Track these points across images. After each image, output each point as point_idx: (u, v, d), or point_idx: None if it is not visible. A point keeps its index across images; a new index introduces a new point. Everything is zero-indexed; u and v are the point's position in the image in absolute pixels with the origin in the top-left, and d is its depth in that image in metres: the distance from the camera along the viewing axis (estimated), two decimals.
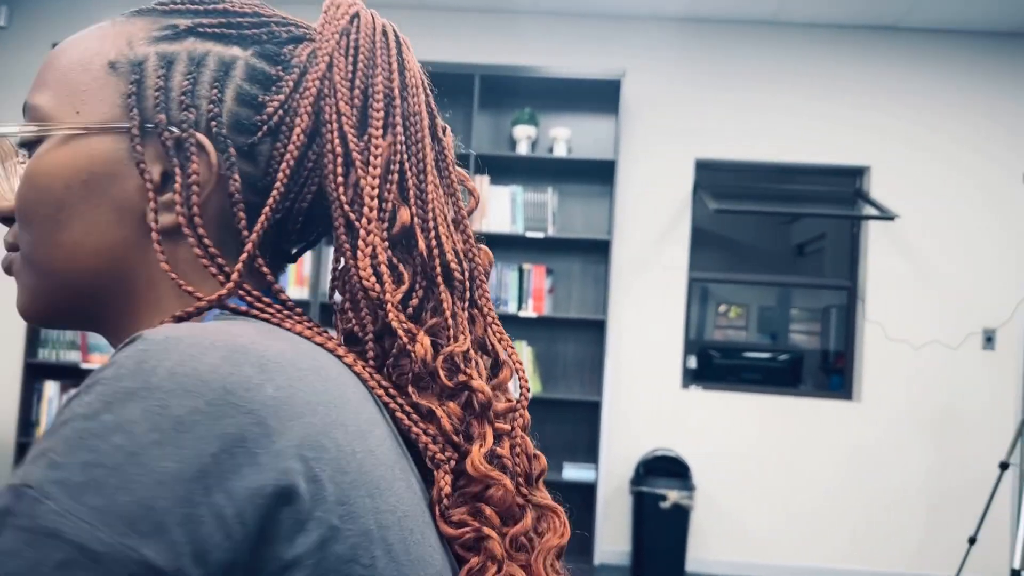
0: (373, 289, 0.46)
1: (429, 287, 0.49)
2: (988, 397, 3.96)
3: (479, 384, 0.47)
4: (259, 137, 0.48)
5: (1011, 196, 4.01)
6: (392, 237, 0.48)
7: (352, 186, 0.47)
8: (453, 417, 0.46)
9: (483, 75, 3.80)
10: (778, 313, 4.63)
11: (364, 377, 0.45)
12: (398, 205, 0.48)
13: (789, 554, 3.97)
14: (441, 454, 0.45)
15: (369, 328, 0.47)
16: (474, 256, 0.53)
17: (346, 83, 0.48)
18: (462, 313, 0.49)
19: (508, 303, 3.86)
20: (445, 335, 0.48)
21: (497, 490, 0.45)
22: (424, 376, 0.47)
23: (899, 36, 4.09)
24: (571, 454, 4.00)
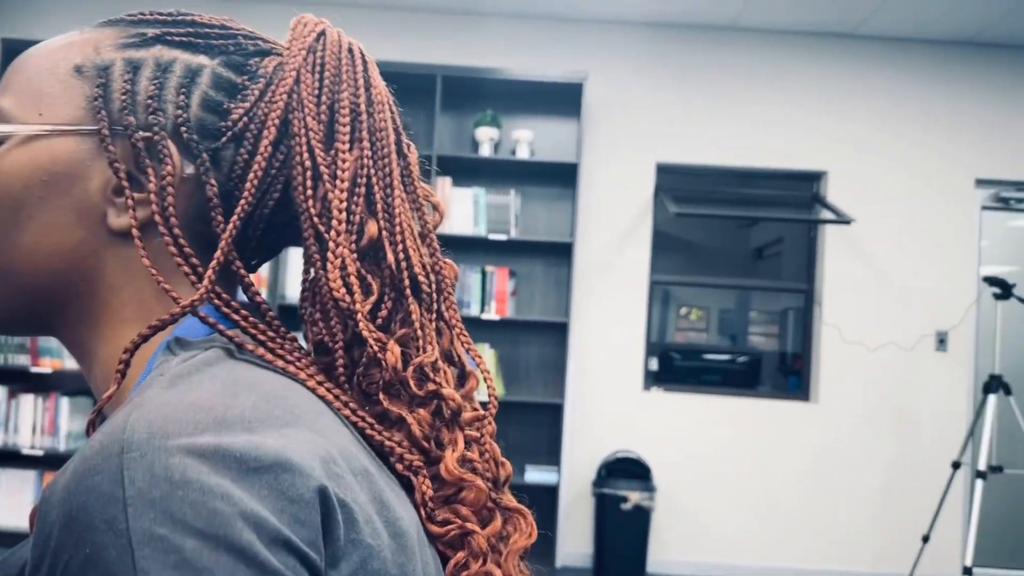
0: (343, 300, 0.47)
1: (398, 298, 0.50)
2: (941, 398, 4.05)
3: (449, 392, 0.48)
4: (223, 143, 0.48)
5: (963, 201, 4.12)
6: (360, 249, 0.49)
7: (320, 199, 0.48)
8: (423, 424, 0.47)
9: (445, 76, 3.78)
10: (738, 315, 4.69)
11: (328, 399, 0.46)
12: (366, 218, 0.49)
13: (748, 554, 4.02)
14: (417, 461, 0.47)
15: (339, 338, 0.48)
16: (440, 269, 0.54)
17: (313, 98, 0.50)
18: (430, 324, 0.50)
19: (471, 305, 3.84)
20: (414, 345, 0.49)
21: (470, 492, 0.47)
22: (394, 385, 0.48)
23: (856, 43, 4.17)
24: (533, 456, 3.99)
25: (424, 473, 0.47)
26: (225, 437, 0.36)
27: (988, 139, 4.13)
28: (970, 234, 4.12)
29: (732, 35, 4.18)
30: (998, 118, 4.14)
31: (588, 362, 4.08)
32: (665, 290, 4.52)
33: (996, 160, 4.12)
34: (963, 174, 4.13)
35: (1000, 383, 3.45)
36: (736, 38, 4.18)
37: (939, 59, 4.16)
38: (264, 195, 0.50)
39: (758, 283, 4.36)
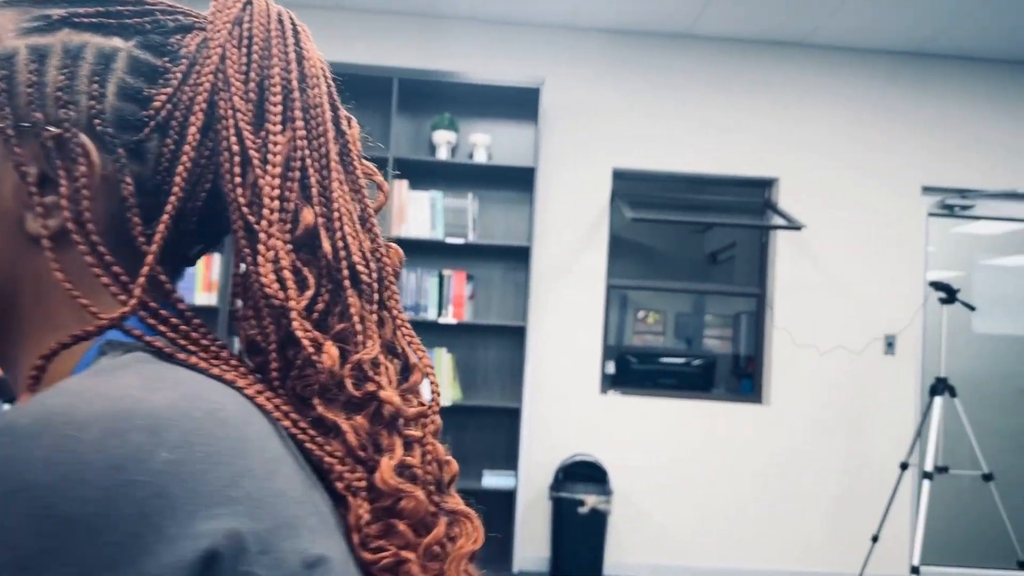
0: (276, 296, 0.43)
1: (335, 291, 0.46)
2: (889, 400, 4.15)
3: (387, 395, 0.45)
4: (146, 134, 0.45)
5: (910, 207, 4.23)
6: (295, 239, 0.45)
7: (250, 186, 0.45)
8: (360, 431, 0.44)
9: (402, 79, 3.76)
10: (693, 319, 4.74)
11: (268, 408, 0.42)
12: (301, 205, 0.46)
13: (703, 555, 4.06)
14: (357, 480, 0.43)
15: (272, 337, 0.44)
16: (382, 256, 0.50)
17: (240, 76, 0.46)
18: (370, 316, 0.47)
19: (428, 309, 3.81)
20: (353, 341, 0.46)
21: (408, 502, 0.44)
22: (330, 387, 0.44)
23: (807, 52, 4.25)
24: (491, 461, 3.98)
25: (363, 495, 0.43)
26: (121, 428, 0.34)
27: (934, 147, 4.25)
28: (917, 240, 4.23)
29: (687, 42, 4.23)
30: (943, 127, 4.26)
31: (546, 366, 4.08)
32: (623, 294, 4.55)
33: (941, 168, 4.24)
34: (910, 181, 4.24)
35: (946, 385, 3.54)
36: (691, 45, 4.23)
37: (888, 69, 4.27)
38: (195, 186, 0.46)
39: (712, 287, 4.42)
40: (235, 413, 0.39)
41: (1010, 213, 4.33)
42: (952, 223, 4.35)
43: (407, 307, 3.80)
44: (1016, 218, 4.34)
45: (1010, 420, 4.28)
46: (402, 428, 0.46)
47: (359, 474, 0.44)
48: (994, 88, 4.28)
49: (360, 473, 0.44)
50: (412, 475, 0.45)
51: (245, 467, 0.36)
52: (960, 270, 4.34)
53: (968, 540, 4.23)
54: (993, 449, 4.20)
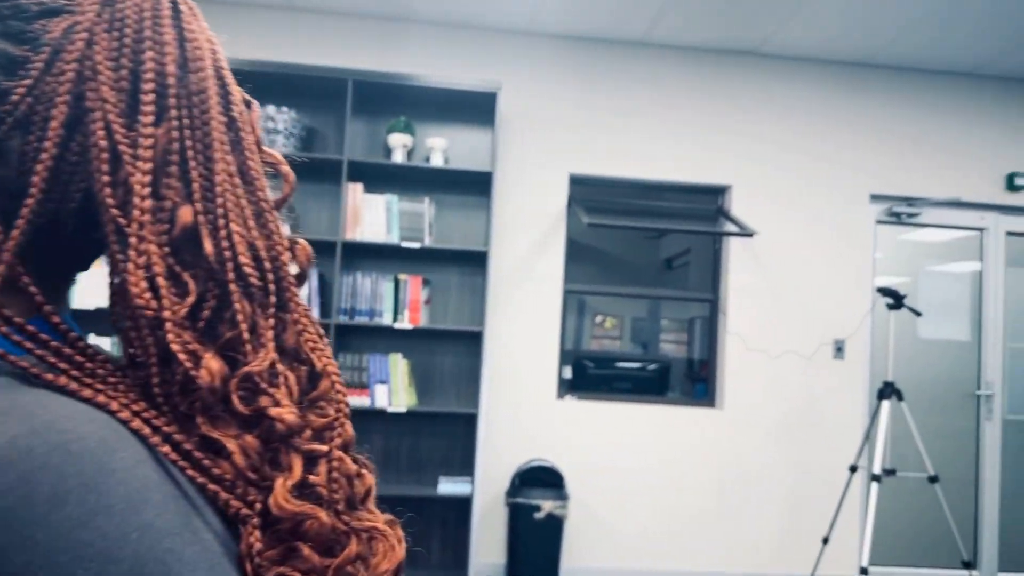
0: (148, 306, 0.40)
1: (223, 296, 0.43)
2: (838, 404, 4.22)
3: (277, 412, 0.42)
4: (5, 131, 0.40)
5: (858, 215, 4.32)
6: (173, 241, 0.42)
7: (121, 185, 0.41)
8: (250, 450, 0.41)
9: (356, 80, 3.72)
10: (649, 324, 4.77)
11: (144, 433, 0.39)
12: (179, 203, 0.42)
13: (658, 558, 4.08)
14: (247, 507, 0.40)
15: (152, 351, 0.41)
16: (279, 254, 0.47)
17: (110, 63, 0.42)
18: (265, 322, 0.44)
19: (383, 314, 3.78)
20: (243, 350, 0.42)
21: (312, 524, 0.41)
22: (216, 403, 0.41)
23: (759, 61, 4.32)
24: (447, 468, 3.95)
25: (254, 523, 0.40)
26: None
27: (881, 156, 4.35)
28: (865, 247, 4.32)
29: (642, 50, 4.27)
30: (890, 136, 4.36)
31: (503, 371, 4.08)
32: (581, 299, 4.56)
33: (889, 176, 4.34)
34: (859, 189, 4.33)
35: (893, 389, 3.61)
36: (646, 53, 4.27)
37: (836, 78, 4.36)
38: (67, 187, 0.42)
39: (667, 293, 4.46)
40: (96, 443, 0.35)
41: (954, 221, 4.45)
42: (899, 230, 4.45)
43: (363, 312, 3.76)
44: (960, 226, 4.47)
45: (955, 423, 4.40)
46: (303, 444, 0.43)
47: (252, 497, 0.41)
48: (940, 99, 4.40)
49: (253, 496, 0.41)
50: (315, 494, 0.42)
51: (100, 504, 0.33)
52: (907, 276, 4.45)
53: (915, 541, 4.32)
54: (938, 452, 4.31)
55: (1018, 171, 4.38)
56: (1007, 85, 4.43)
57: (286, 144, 3.74)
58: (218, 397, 0.41)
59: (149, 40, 0.43)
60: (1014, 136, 4.42)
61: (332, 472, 0.44)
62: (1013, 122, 4.42)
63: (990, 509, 4.36)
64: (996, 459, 4.38)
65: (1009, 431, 4.41)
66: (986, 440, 4.38)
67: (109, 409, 0.38)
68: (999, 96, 4.43)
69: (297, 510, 0.41)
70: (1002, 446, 4.39)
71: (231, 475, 0.40)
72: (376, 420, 3.95)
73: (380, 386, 3.76)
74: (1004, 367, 4.42)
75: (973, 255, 4.48)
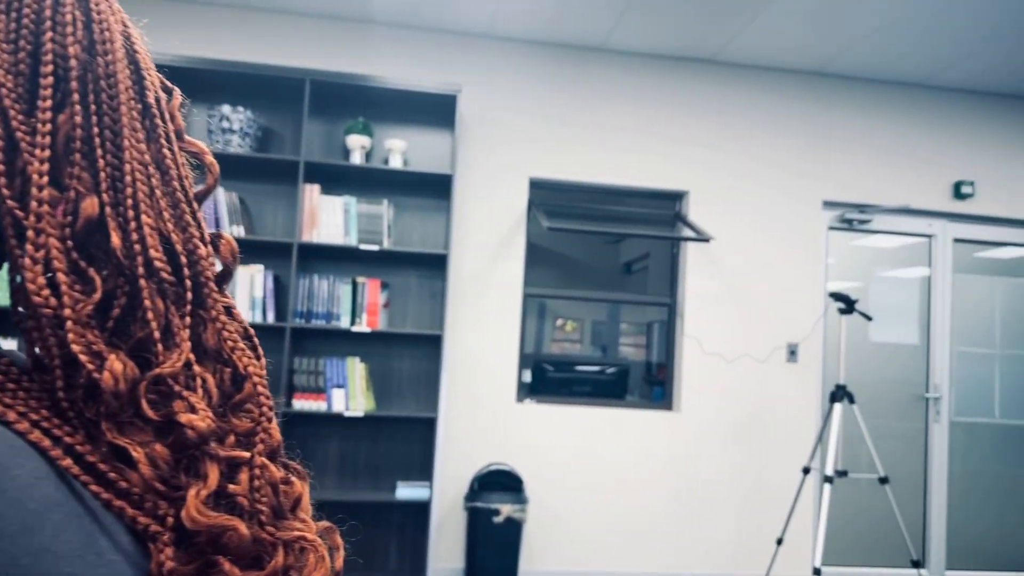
0: (47, 304, 0.37)
1: (134, 292, 0.41)
2: (792, 407, 4.29)
3: (187, 418, 0.39)
4: None
5: (811, 221, 4.40)
6: (78, 234, 0.39)
7: (19, 174, 0.39)
8: (160, 460, 0.38)
9: (314, 81, 3.68)
10: (609, 328, 4.79)
11: (43, 446, 0.36)
12: (85, 194, 0.40)
13: (616, 561, 4.10)
14: (156, 523, 0.38)
15: (54, 352, 0.38)
16: (196, 248, 0.44)
17: (7, 45, 0.39)
18: (179, 321, 0.42)
19: (341, 317, 3.73)
20: (155, 350, 0.40)
21: (231, 536, 0.39)
22: (123, 408, 0.39)
23: (716, 69, 4.39)
24: (405, 473, 3.92)
25: (164, 539, 0.38)
26: None
27: (834, 164, 4.44)
28: (818, 252, 4.40)
29: (602, 56, 4.30)
30: (842, 144, 4.46)
31: (462, 375, 4.06)
32: (542, 302, 4.56)
33: (841, 183, 4.43)
34: (812, 196, 4.41)
35: (845, 392, 3.68)
36: (606, 59, 4.30)
37: (791, 87, 4.44)
38: None
39: (626, 297, 4.49)
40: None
41: (904, 228, 4.56)
42: (851, 236, 4.55)
43: (320, 315, 3.72)
44: (910, 232, 4.58)
45: (904, 425, 4.50)
46: (223, 451, 0.41)
47: (164, 511, 0.38)
48: (891, 109, 4.51)
49: (164, 510, 0.38)
50: (235, 504, 0.40)
51: None
52: (858, 281, 4.54)
53: (866, 540, 4.41)
54: (889, 453, 4.41)
55: (965, 180, 4.51)
56: (955, 96, 4.56)
57: (242, 144, 3.69)
58: (124, 402, 0.38)
59: (49, 21, 0.41)
60: (961, 146, 4.55)
61: (255, 480, 0.41)
62: (960, 132, 4.55)
63: (938, 509, 4.47)
64: (944, 460, 4.49)
65: (956, 433, 4.53)
66: (934, 442, 4.49)
67: (5, 420, 0.36)
68: (947, 107, 4.55)
69: (212, 522, 0.38)
70: (949, 447, 4.51)
71: (140, 487, 0.38)
72: (333, 425, 3.91)
73: (337, 390, 3.72)
74: (951, 370, 4.53)
75: (922, 261, 4.60)
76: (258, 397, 0.45)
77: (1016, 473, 4.58)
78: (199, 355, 0.43)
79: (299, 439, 3.85)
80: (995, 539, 4.53)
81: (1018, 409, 4.61)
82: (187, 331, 0.42)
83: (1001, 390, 4.60)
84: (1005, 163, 4.57)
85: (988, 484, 4.55)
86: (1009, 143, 4.59)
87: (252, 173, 3.89)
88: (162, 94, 0.47)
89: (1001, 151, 4.57)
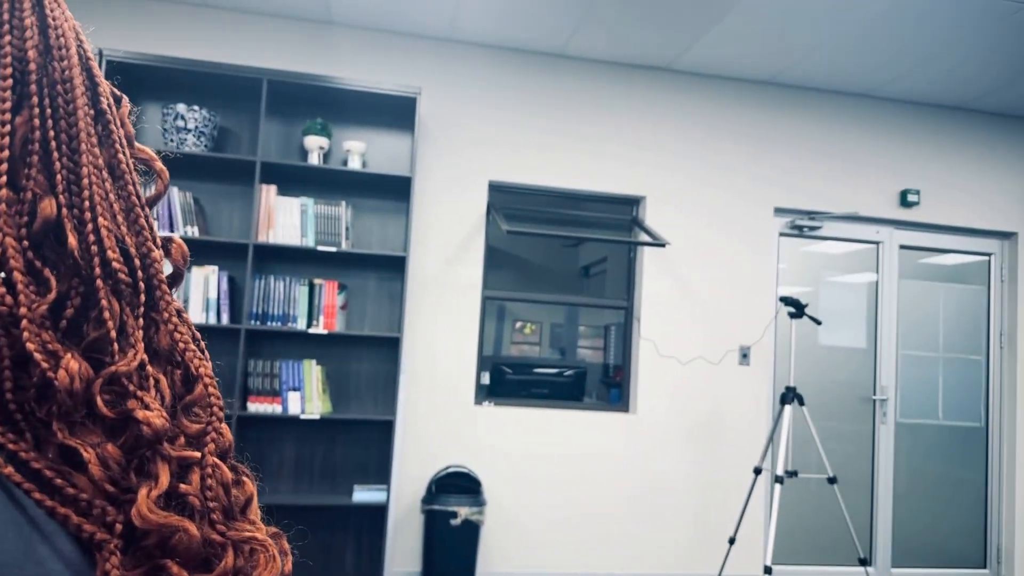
0: (2, 302, 0.37)
1: (89, 293, 0.41)
2: (744, 409, 4.38)
3: (144, 415, 0.39)
4: None
5: (763, 228, 4.50)
6: (34, 235, 0.39)
7: None
8: (110, 461, 0.38)
9: (272, 80, 3.65)
10: (567, 330, 4.84)
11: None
12: (41, 195, 0.40)
13: (572, 562, 4.13)
14: (103, 530, 0.37)
15: (5, 354, 0.38)
16: (150, 251, 0.45)
17: None
18: (134, 322, 0.42)
19: (297, 319, 3.70)
20: (110, 351, 0.40)
21: (180, 538, 0.39)
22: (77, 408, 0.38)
23: (672, 77, 4.46)
24: (363, 476, 3.90)
25: (110, 547, 0.37)
26: None
27: (786, 172, 4.55)
28: (769, 258, 4.50)
29: (561, 62, 4.34)
30: (793, 153, 4.57)
31: (420, 378, 4.06)
32: (501, 305, 4.58)
33: (792, 191, 4.54)
34: (764, 203, 4.51)
35: (795, 394, 3.77)
36: (564, 65, 4.35)
37: (745, 96, 4.54)
38: None
39: (584, 300, 4.53)
40: None
41: (852, 234, 4.70)
42: (801, 242, 4.67)
43: (275, 317, 3.68)
44: (858, 239, 4.72)
45: (852, 426, 4.62)
46: (174, 451, 0.41)
47: (111, 517, 0.38)
48: (840, 118, 4.64)
49: (112, 516, 0.38)
50: (186, 505, 0.40)
51: None
52: (809, 286, 4.66)
53: (815, 539, 4.52)
54: (837, 454, 4.52)
55: (911, 188, 4.66)
56: (902, 107, 4.71)
57: (197, 144, 3.63)
58: (79, 401, 0.38)
59: (7, 24, 0.41)
60: (908, 155, 4.70)
61: (206, 480, 0.42)
62: (907, 142, 4.70)
63: (884, 508, 4.60)
64: (890, 461, 4.63)
65: (901, 434, 4.67)
66: (881, 443, 4.63)
67: None
68: (894, 117, 4.70)
69: (163, 521, 0.38)
70: (895, 448, 4.65)
71: (88, 491, 0.37)
72: (289, 428, 3.87)
73: (293, 393, 3.68)
74: (897, 373, 4.68)
75: (869, 267, 4.73)
76: (209, 398, 0.45)
77: (958, 472, 4.74)
78: (151, 356, 0.43)
79: (254, 442, 3.81)
80: (938, 536, 4.68)
81: (960, 411, 4.77)
82: (141, 332, 0.42)
83: (944, 392, 4.76)
84: (949, 173, 4.74)
85: (931, 483, 4.70)
86: (953, 153, 4.75)
87: (207, 173, 3.84)
88: (112, 101, 0.47)
89: (945, 161, 4.74)
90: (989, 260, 4.87)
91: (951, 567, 4.66)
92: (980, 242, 4.85)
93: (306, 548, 3.85)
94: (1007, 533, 4.66)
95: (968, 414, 4.78)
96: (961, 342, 4.80)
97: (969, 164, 4.77)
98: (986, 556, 4.72)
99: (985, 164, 4.79)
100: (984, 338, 4.83)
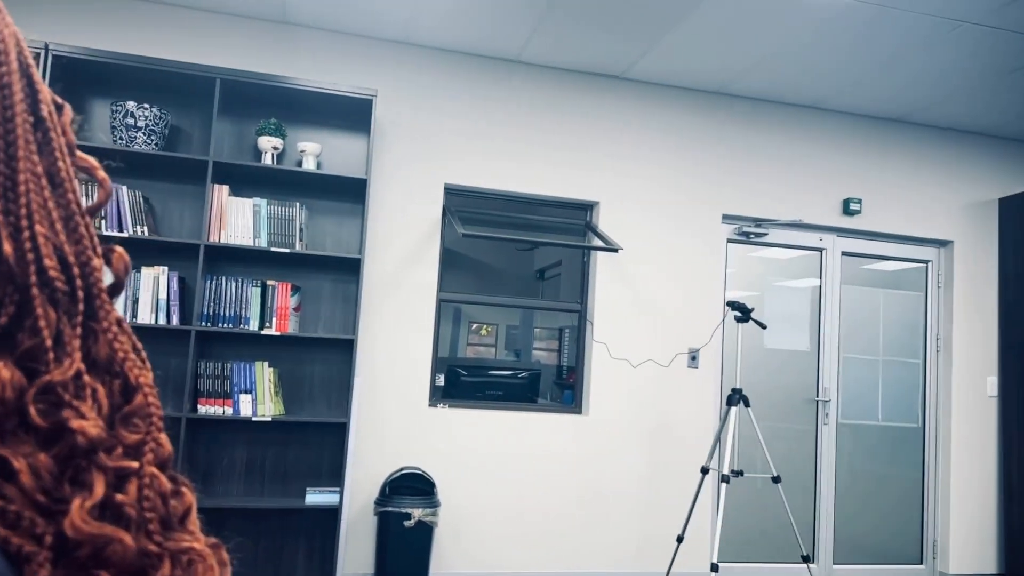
0: None
1: (24, 302, 0.40)
2: (692, 410, 4.48)
3: (79, 424, 0.39)
4: None
5: (712, 234, 4.61)
6: None
7: None
8: (41, 471, 0.38)
9: (225, 79, 3.61)
10: (522, 333, 4.89)
11: None
12: None
13: (525, 563, 4.17)
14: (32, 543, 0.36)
15: None
16: (89, 259, 0.44)
17: None
18: (71, 331, 0.42)
19: (250, 321, 3.67)
20: (45, 360, 0.40)
21: (115, 548, 0.38)
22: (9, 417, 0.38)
23: (624, 86, 4.55)
24: (316, 478, 3.88)
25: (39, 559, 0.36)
26: None
27: (734, 179, 4.67)
28: (718, 263, 4.62)
29: (517, 68, 4.39)
30: (741, 161, 4.69)
31: (375, 380, 4.06)
32: (457, 307, 4.61)
33: (739, 198, 4.67)
34: (713, 210, 4.62)
35: (740, 396, 3.88)
36: (520, 71, 4.40)
37: (695, 105, 4.65)
38: None
39: (539, 303, 4.59)
40: None
41: (797, 241, 4.84)
42: (748, 248, 4.79)
43: (227, 318, 3.64)
44: (802, 246, 4.86)
45: (795, 427, 4.76)
46: (111, 461, 0.40)
47: (41, 529, 0.37)
48: (786, 128, 4.78)
49: (42, 527, 0.37)
50: (122, 516, 0.39)
51: None
52: (755, 291, 4.79)
53: (760, 537, 4.64)
54: (781, 454, 4.66)
55: (853, 197, 4.82)
56: (845, 119, 4.88)
57: (148, 142, 3.58)
58: (10, 409, 0.37)
59: None
60: (850, 165, 4.86)
61: (144, 491, 0.41)
62: (850, 153, 4.87)
63: (826, 506, 4.75)
64: (832, 460, 4.78)
65: (843, 434, 4.83)
66: (823, 443, 4.77)
67: None
68: (838, 129, 4.86)
69: (96, 532, 0.37)
70: (837, 448, 4.80)
71: (18, 502, 0.37)
72: (240, 430, 3.83)
73: (244, 395, 3.65)
74: (839, 375, 4.84)
75: (813, 272, 4.89)
76: (149, 408, 0.44)
77: (897, 472, 4.92)
78: (89, 366, 0.42)
79: (204, 445, 3.76)
80: (877, 533, 4.85)
81: (898, 412, 4.95)
82: (79, 341, 0.42)
83: (883, 394, 4.93)
84: (889, 182, 4.92)
85: (871, 482, 4.86)
86: (894, 164, 4.94)
87: (158, 172, 3.78)
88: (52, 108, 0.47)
89: (886, 171, 4.92)
90: (927, 267, 5.07)
91: (889, 563, 4.83)
92: (918, 250, 5.04)
93: (258, 551, 3.82)
94: (942, 529, 4.86)
95: (906, 415, 4.96)
96: (900, 346, 4.99)
97: (908, 175, 4.96)
98: (922, 551, 4.90)
99: (924, 175, 4.98)
100: (921, 342, 5.02)
